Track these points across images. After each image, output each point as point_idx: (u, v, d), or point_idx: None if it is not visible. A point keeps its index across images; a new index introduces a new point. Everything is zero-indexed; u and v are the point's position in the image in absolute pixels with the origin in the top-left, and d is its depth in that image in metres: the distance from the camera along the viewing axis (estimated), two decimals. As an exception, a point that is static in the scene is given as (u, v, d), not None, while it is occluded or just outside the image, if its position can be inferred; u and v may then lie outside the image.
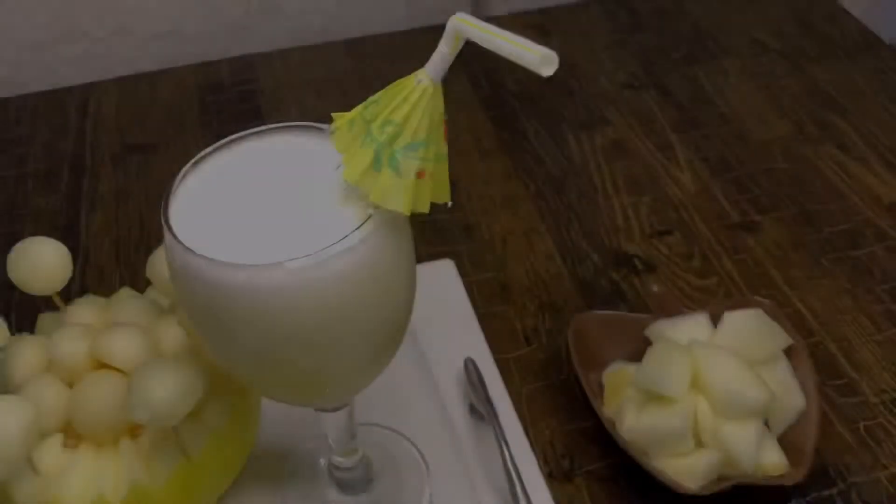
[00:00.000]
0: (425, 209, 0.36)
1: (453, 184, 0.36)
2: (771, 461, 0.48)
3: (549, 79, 0.33)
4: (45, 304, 0.48)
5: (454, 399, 0.55)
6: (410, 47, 0.89)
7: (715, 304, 0.55)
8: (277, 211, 0.37)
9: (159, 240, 0.67)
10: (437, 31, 0.34)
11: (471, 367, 0.54)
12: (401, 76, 0.35)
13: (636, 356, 0.54)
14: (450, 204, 0.37)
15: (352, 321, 0.36)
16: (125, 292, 0.52)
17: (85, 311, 0.48)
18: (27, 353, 0.46)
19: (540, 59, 0.32)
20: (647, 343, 0.53)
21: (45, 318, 0.51)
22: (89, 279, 0.65)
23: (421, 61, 0.34)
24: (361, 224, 0.35)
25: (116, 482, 0.43)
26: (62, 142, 0.79)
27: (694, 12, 0.91)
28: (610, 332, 0.55)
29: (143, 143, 0.78)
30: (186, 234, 0.35)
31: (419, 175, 0.35)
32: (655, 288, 0.57)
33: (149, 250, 0.67)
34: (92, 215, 0.71)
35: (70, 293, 0.63)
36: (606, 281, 0.64)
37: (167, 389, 0.39)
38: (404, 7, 1.14)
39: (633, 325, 0.55)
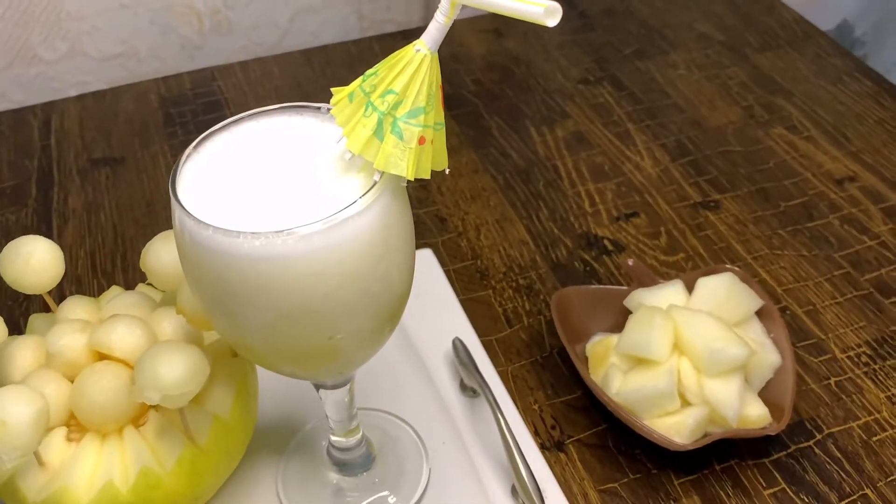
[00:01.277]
0: (426, 175, 0.37)
1: (422, 179, 0.37)
2: (754, 413, 0.50)
3: (508, 77, 0.35)
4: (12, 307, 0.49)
5: (444, 379, 0.56)
6: (367, 54, 0.90)
7: (688, 273, 0.58)
8: (282, 184, 0.38)
9: (135, 249, 0.68)
10: (390, 38, 0.36)
11: (459, 345, 0.56)
12: None
13: (616, 328, 0.56)
14: (447, 170, 0.39)
15: (361, 285, 0.37)
16: (115, 290, 0.52)
17: (77, 308, 0.49)
18: (24, 350, 0.46)
19: (544, 10, 0.34)
20: (626, 315, 0.55)
21: (36, 319, 0.51)
22: (67, 292, 0.65)
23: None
24: (367, 191, 0.36)
25: (124, 469, 0.43)
26: (27, 159, 0.78)
27: (641, 11, 0.94)
28: (590, 305, 0.57)
29: (109, 156, 0.78)
30: (196, 209, 0.36)
31: (420, 141, 0.36)
32: (631, 261, 0.59)
33: (125, 259, 0.68)
34: (64, 228, 0.71)
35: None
36: (579, 262, 0.66)
37: (175, 369, 0.40)
38: (356, 21, 1.16)
39: (612, 297, 0.57)
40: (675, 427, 0.50)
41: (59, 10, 1.02)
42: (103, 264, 0.68)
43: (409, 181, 0.37)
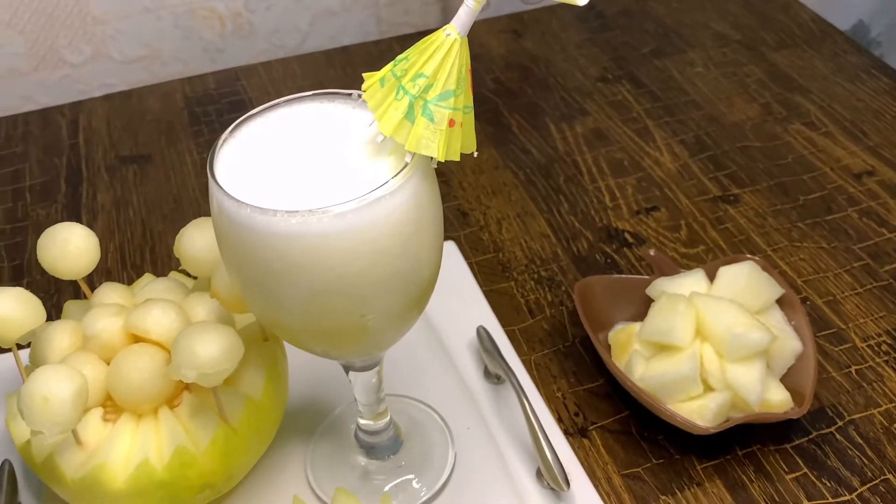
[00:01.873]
0: (456, 157, 0.38)
1: (444, 175, 0.38)
2: (776, 398, 0.51)
3: (527, 76, 0.36)
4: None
5: (469, 367, 0.57)
6: (387, 55, 0.91)
7: (709, 263, 0.58)
8: (314, 166, 0.39)
9: (163, 242, 0.69)
10: (410, 39, 0.38)
11: (483, 333, 0.57)
12: None
13: (638, 317, 0.57)
14: (475, 154, 0.40)
15: (392, 263, 0.38)
16: (147, 277, 0.53)
17: (112, 294, 0.50)
18: (61, 334, 0.47)
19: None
20: (648, 305, 0.56)
21: (70, 305, 0.52)
22: (97, 283, 0.66)
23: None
24: (400, 171, 0.37)
25: (159, 448, 0.44)
26: (55, 157, 0.80)
27: (657, 11, 0.95)
28: (612, 294, 0.58)
29: (136, 154, 0.80)
30: (233, 190, 0.37)
31: (450, 124, 0.37)
32: (652, 251, 0.60)
33: (153, 252, 0.69)
34: (93, 224, 0.72)
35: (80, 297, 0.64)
36: (600, 254, 0.67)
37: (211, 348, 0.41)
38: (374, 24, 1.17)
39: (634, 286, 0.58)
40: (699, 411, 0.50)
41: (84, 13, 1.04)
42: (132, 257, 0.69)
43: (438, 163, 0.38)
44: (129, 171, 0.78)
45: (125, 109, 0.86)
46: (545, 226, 0.70)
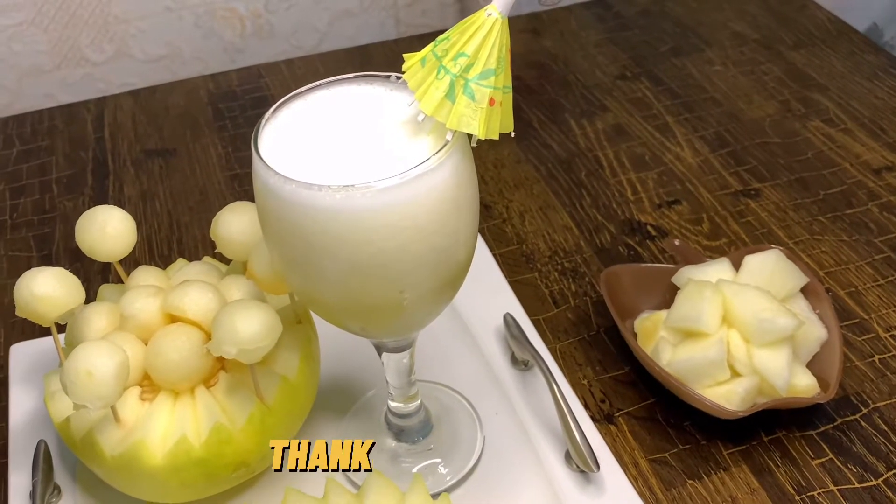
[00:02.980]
0: (495, 136, 0.39)
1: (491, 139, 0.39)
2: (802, 383, 0.51)
3: (546, 73, 0.37)
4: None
5: (496, 354, 0.58)
6: (407, 51, 0.92)
7: (733, 252, 0.59)
8: (355, 145, 0.40)
9: (190, 234, 0.70)
10: (430, 36, 0.39)
11: (510, 321, 0.57)
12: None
13: (663, 305, 0.57)
14: (513, 134, 0.40)
15: (431, 240, 0.39)
16: (181, 262, 0.54)
17: (148, 276, 0.51)
18: (99, 315, 0.48)
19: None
20: (673, 293, 0.57)
21: (105, 289, 0.53)
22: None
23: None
24: (440, 148, 0.38)
25: (197, 425, 0.45)
26: (82, 151, 0.81)
27: (675, 11, 0.96)
28: (638, 283, 0.58)
29: (161, 148, 0.81)
30: (277, 166, 0.38)
31: (490, 102, 0.38)
32: (677, 241, 0.60)
33: (181, 243, 0.70)
34: (120, 215, 0.73)
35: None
36: (623, 247, 0.67)
37: (252, 325, 0.42)
38: (393, 25, 1.18)
39: (659, 275, 0.58)
40: (726, 396, 0.51)
41: (106, 12, 1.05)
42: (160, 248, 0.70)
43: (478, 141, 0.39)
44: (155, 164, 0.79)
45: (149, 105, 0.87)
46: (567, 218, 0.70)
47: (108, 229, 0.49)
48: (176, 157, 0.79)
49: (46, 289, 0.46)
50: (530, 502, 0.49)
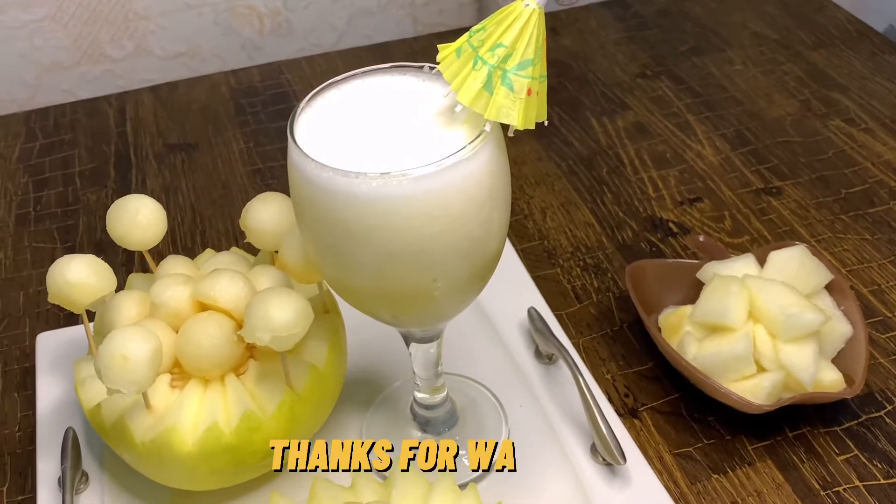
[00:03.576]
0: (531, 125, 0.39)
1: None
2: (828, 378, 0.51)
3: (566, 72, 0.37)
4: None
5: (520, 348, 0.58)
6: (428, 49, 0.93)
7: (758, 248, 0.59)
8: (389, 134, 0.40)
9: (213, 226, 0.71)
10: (448, 35, 0.39)
11: (535, 314, 0.57)
12: None
13: (688, 300, 0.57)
14: (546, 122, 0.41)
15: (465, 229, 0.39)
16: (209, 252, 0.54)
17: (177, 265, 0.51)
18: (129, 302, 0.48)
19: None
20: (697, 289, 0.57)
21: (134, 278, 0.53)
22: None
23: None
24: (476, 137, 0.38)
25: (227, 413, 0.45)
26: (104, 144, 0.81)
27: (694, 11, 0.96)
28: (662, 278, 0.59)
29: (183, 142, 0.81)
30: (313, 154, 0.39)
31: (528, 92, 0.38)
32: (701, 237, 0.60)
33: (204, 236, 0.70)
34: (143, 208, 0.73)
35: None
36: (645, 243, 0.67)
37: (285, 312, 0.42)
38: (410, 24, 1.19)
39: (684, 270, 0.59)
40: (752, 390, 0.51)
41: (126, 9, 1.06)
42: (184, 240, 0.70)
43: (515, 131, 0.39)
44: (177, 158, 0.79)
45: (171, 100, 0.87)
46: (589, 215, 0.71)
47: (139, 218, 0.49)
48: (198, 152, 0.80)
49: (79, 275, 0.46)
50: (556, 494, 0.50)
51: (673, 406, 0.56)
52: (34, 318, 0.65)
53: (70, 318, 0.64)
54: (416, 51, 0.93)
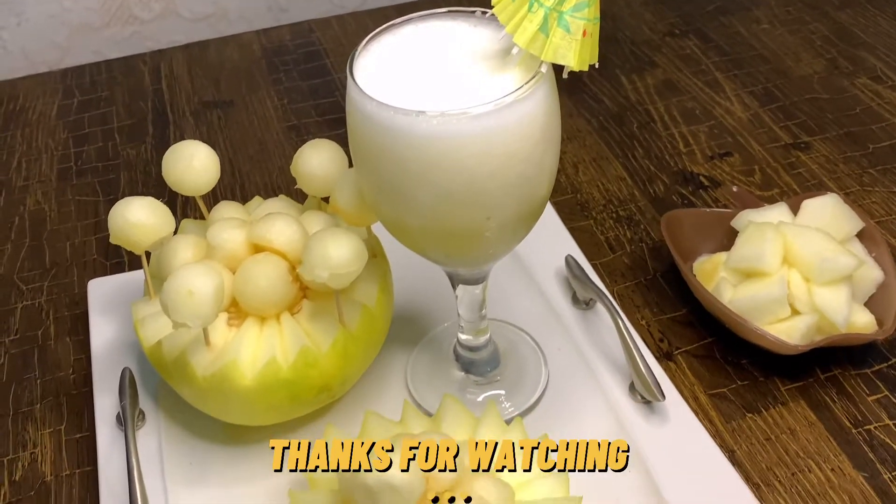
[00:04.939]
0: (585, 67, 0.41)
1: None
2: (861, 321, 0.53)
3: None
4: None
5: (557, 294, 0.59)
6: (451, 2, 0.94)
7: (791, 198, 0.60)
8: (445, 76, 0.41)
9: (251, 181, 0.72)
10: None
11: (572, 262, 0.59)
12: None
13: (722, 248, 0.59)
14: (597, 65, 0.42)
15: (519, 167, 0.41)
16: (258, 200, 0.56)
17: (229, 210, 0.53)
18: (185, 245, 0.50)
19: None
20: (731, 237, 0.58)
21: (187, 223, 0.55)
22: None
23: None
24: (531, 78, 0.40)
25: (284, 349, 0.47)
26: (141, 101, 0.83)
27: (720, -29, 0.97)
28: (697, 227, 0.60)
29: (219, 99, 0.83)
30: (372, 94, 0.40)
31: (583, 34, 0.40)
32: (735, 188, 0.62)
33: (244, 189, 0.72)
34: (182, 162, 0.75)
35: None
36: (677, 196, 0.69)
37: (343, 250, 0.44)
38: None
39: (718, 219, 0.60)
40: (787, 332, 0.52)
41: (156, -30, 1.06)
42: (224, 195, 0.72)
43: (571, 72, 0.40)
44: (214, 115, 0.81)
45: (204, 59, 0.88)
46: (621, 169, 0.72)
47: (194, 163, 0.50)
48: (233, 109, 0.81)
49: (140, 216, 0.48)
50: (595, 431, 0.51)
51: (707, 349, 0.57)
52: (81, 268, 0.66)
53: (115, 267, 0.66)
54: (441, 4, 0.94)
